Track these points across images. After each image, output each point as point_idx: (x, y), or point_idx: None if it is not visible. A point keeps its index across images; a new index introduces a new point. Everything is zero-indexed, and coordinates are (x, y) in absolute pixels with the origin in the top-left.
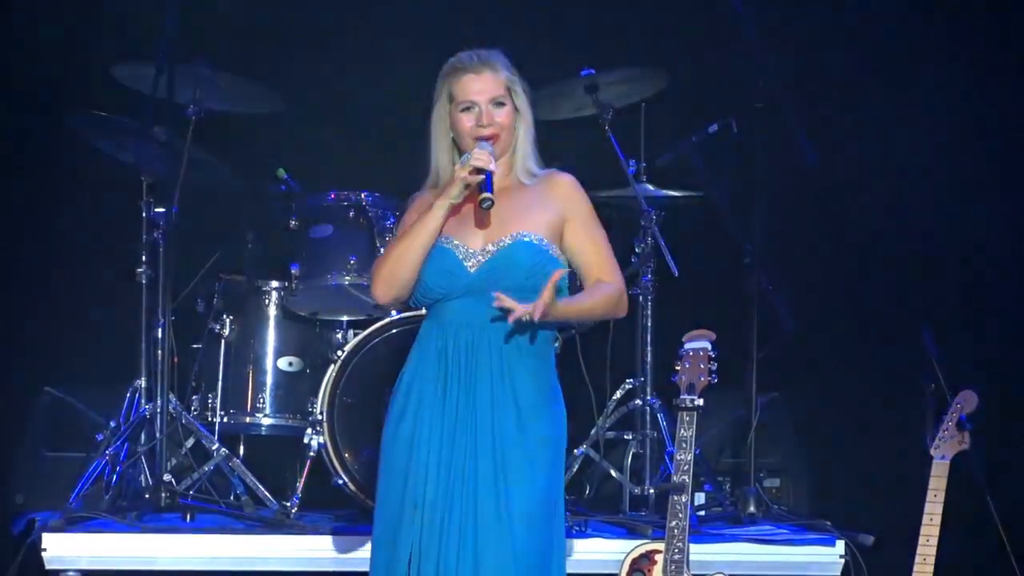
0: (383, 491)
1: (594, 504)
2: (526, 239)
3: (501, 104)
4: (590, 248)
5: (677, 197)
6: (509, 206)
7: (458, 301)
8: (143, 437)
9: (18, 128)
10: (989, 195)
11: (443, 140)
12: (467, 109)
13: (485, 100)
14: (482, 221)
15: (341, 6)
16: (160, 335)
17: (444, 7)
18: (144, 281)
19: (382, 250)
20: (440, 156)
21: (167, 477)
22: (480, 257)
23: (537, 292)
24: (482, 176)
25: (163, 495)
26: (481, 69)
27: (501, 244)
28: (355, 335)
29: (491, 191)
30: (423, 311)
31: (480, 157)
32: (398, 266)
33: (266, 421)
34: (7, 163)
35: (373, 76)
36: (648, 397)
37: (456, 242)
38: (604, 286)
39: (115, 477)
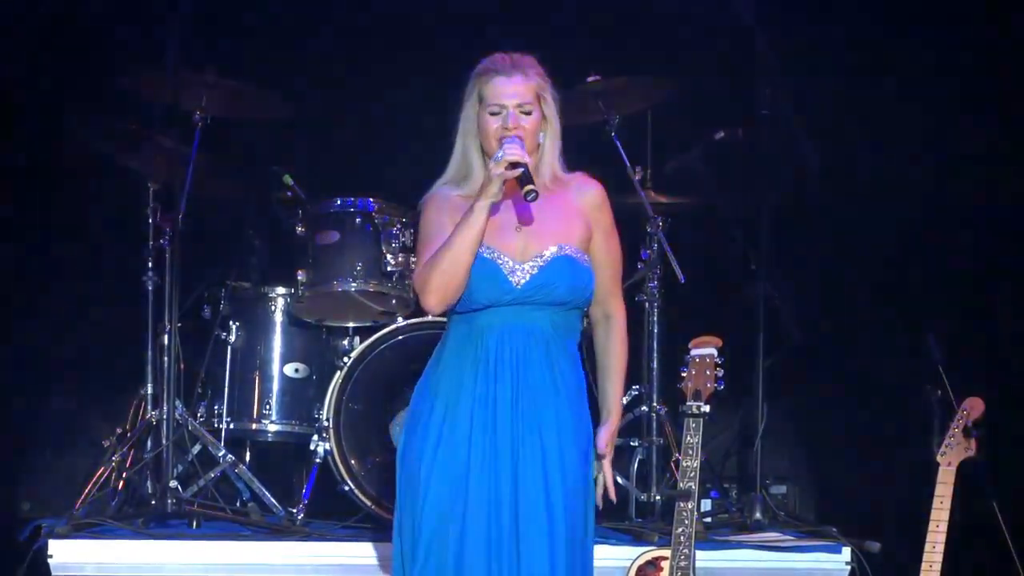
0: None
1: (600, 511)
2: (567, 252)
3: (528, 112)
4: (607, 265)
5: (683, 204)
6: (540, 213)
7: (504, 309)
8: (149, 444)
9: (24, 134)
10: (996, 202)
11: (472, 139)
12: (494, 113)
13: (513, 105)
14: (519, 228)
15: (348, 14)
16: (166, 342)
17: (451, 14)
18: (150, 287)
19: (390, 257)
20: (470, 154)
21: (173, 484)
22: (525, 271)
23: (574, 306)
24: (519, 171)
25: (169, 502)
26: (512, 73)
27: (543, 258)
28: (361, 341)
29: (533, 183)
30: (429, 317)
31: (513, 151)
32: (450, 273)
33: (272, 427)
34: (14, 169)
35: (380, 83)
36: (654, 404)
37: (497, 252)
38: (618, 333)
39: (121, 484)
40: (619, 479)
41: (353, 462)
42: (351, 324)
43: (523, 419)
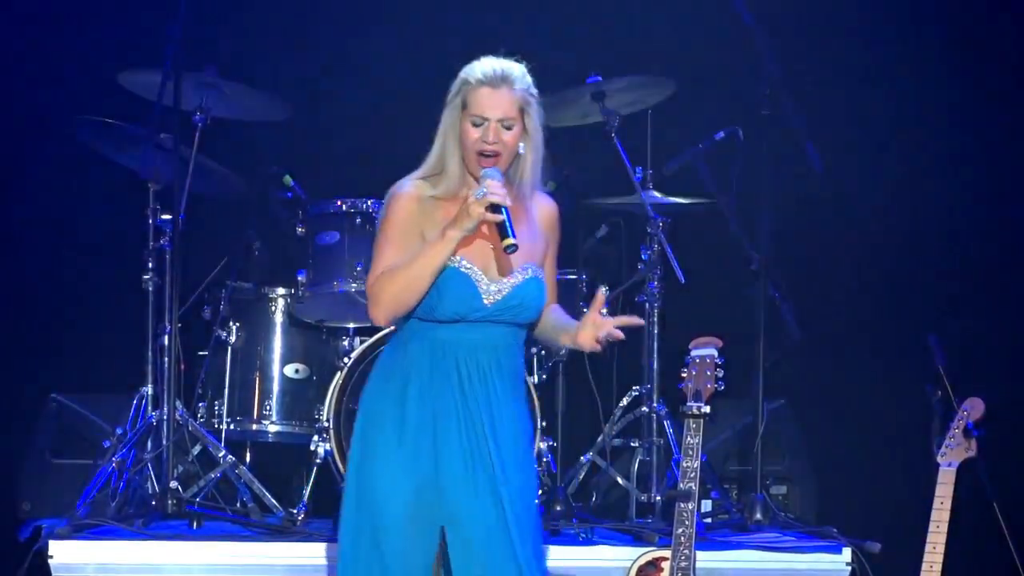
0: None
1: (600, 511)
2: (535, 274)
3: (509, 128)
4: (551, 277)
5: (683, 204)
6: (515, 230)
7: (470, 325)
8: (150, 444)
9: (25, 135)
10: (997, 202)
11: (451, 141)
12: (476, 124)
13: (496, 119)
14: (495, 246)
15: (348, 15)
16: (167, 342)
17: (452, 16)
18: (151, 288)
19: None
20: (447, 155)
21: (173, 484)
22: (497, 291)
23: (530, 325)
24: (501, 216)
25: (169, 502)
26: (499, 85)
27: (515, 279)
28: (362, 342)
29: (515, 235)
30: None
31: (496, 192)
32: (405, 295)
33: (273, 428)
34: (14, 170)
35: (380, 84)
36: (655, 404)
37: (474, 268)
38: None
39: (122, 484)
40: (620, 479)
41: None
42: (351, 325)
43: (498, 431)
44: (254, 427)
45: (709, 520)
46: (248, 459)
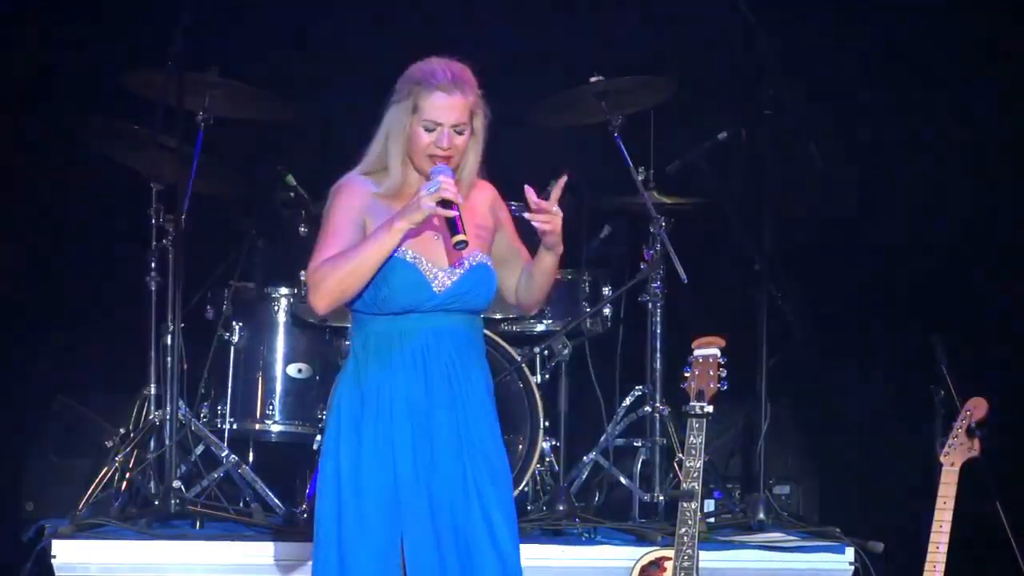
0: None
1: (603, 511)
2: (482, 260)
3: (461, 132)
4: (520, 246)
5: (686, 204)
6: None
7: (424, 315)
8: (152, 444)
9: (28, 135)
10: (1000, 203)
11: (398, 142)
12: (429, 129)
13: (449, 124)
14: (438, 237)
15: (351, 14)
16: (169, 342)
17: (455, 15)
18: (153, 288)
19: None
20: (391, 156)
21: (176, 484)
22: (445, 280)
23: (482, 312)
24: (452, 212)
25: (172, 502)
26: (453, 90)
27: (464, 267)
28: None
29: (463, 231)
30: None
31: (448, 188)
32: (347, 284)
33: (275, 428)
34: (17, 170)
35: (382, 82)
36: (657, 404)
37: (421, 258)
38: None
39: (124, 484)
40: (622, 479)
41: None
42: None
43: (460, 422)
44: (257, 427)
45: (712, 520)
46: (251, 459)
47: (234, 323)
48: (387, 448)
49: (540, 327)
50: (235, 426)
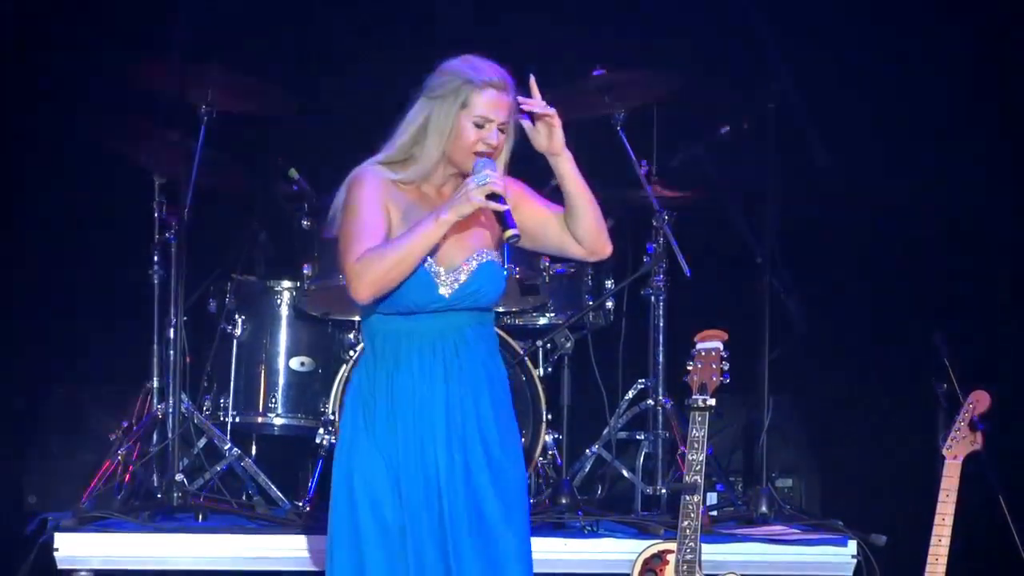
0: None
1: (606, 504)
2: (490, 258)
3: (504, 131)
4: (544, 204)
5: (689, 198)
6: (464, 220)
7: (431, 315)
8: (155, 437)
9: (30, 129)
10: (1004, 195)
11: (439, 135)
12: (479, 125)
13: (500, 121)
14: (448, 235)
15: (355, 7)
16: (172, 335)
17: (458, 10)
18: (156, 281)
19: None
20: (431, 150)
21: (179, 477)
22: (453, 281)
23: (492, 308)
24: (503, 206)
25: (175, 495)
26: (503, 88)
27: (471, 266)
28: None
29: (514, 224)
30: None
31: (496, 182)
32: (393, 275)
33: (278, 421)
34: (19, 163)
35: (386, 75)
36: (660, 397)
37: (429, 259)
38: None
39: (127, 477)
40: (625, 472)
41: None
42: (356, 317)
43: (465, 419)
44: (259, 420)
45: (714, 513)
46: (254, 452)
47: (237, 316)
48: (396, 447)
49: (543, 320)
50: (238, 419)
